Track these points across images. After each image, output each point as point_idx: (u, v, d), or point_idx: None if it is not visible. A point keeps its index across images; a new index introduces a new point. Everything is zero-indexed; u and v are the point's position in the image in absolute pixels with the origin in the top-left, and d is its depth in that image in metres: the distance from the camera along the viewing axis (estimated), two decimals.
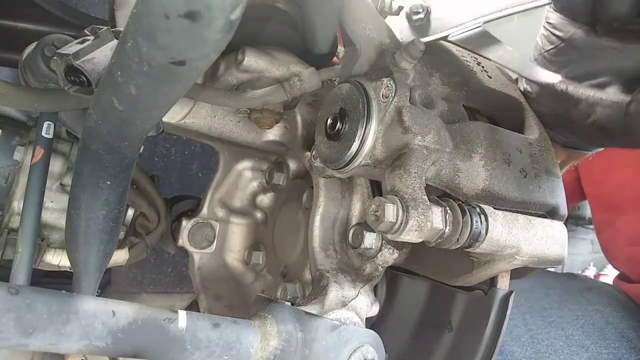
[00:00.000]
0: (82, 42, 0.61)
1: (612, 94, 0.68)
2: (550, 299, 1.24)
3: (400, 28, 0.77)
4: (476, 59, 0.77)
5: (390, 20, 0.77)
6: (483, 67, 0.76)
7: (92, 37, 0.62)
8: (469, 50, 0.78)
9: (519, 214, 0.64)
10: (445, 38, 0.71)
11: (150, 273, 1.84)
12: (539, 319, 1.17)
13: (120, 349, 0.47)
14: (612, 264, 1.52)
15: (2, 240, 0.80)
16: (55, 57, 0.61)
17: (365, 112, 0.65)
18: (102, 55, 0.60)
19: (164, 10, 0.32)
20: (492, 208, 0.61)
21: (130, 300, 0.50)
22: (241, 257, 1.10)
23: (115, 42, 0.61)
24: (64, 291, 0.47)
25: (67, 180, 0.88)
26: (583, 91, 0.70)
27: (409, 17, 0.75)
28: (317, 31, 0.70)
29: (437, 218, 0.58)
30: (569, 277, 1.45)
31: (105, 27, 0.64)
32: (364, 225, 0.78)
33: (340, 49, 0.84)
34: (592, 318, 1.15)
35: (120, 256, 0.96)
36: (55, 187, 0.87)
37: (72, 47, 0.60)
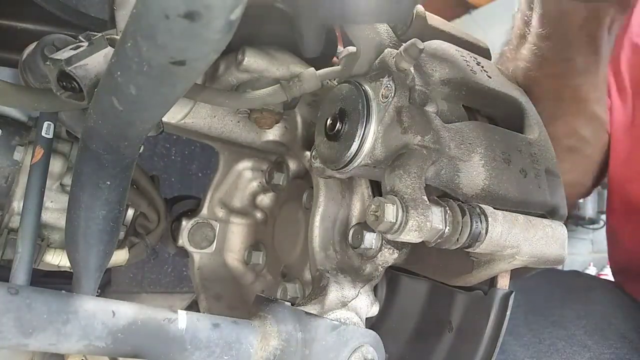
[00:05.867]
0: (75, 48, 0.61)
1: None
2: (553, 298, 1.23)
3: None
4: (476, 59, 0.77)
5: None
6: (483, 67, 0.76)
7: (86, 43, 0.62)
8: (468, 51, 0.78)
9: (519, 214, 0.64)
10: None
11: (150, 273, 1.84)
12: (541, 318, 1.16)
13: (120, 349, 0.47)
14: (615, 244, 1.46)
15: (2, 240, 0.81)
16: (48, 62, 0.61)
17: (365, 112, 0.65)
18: (95, 62, 0.60)
19: (164, 10, 0.32)
20: (492, 208, 0.61)
21: (130, 300, 0.50)
22: (241, 257, 1.10)
23: (109, 49, 0.62)
24: (64, 291, 0.47)
25: (67, 180, 0.88)
26: None
27: None
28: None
29: (436, 218, 0.58)
30: (573, 275, 1.43)
31: (100, 34, 0.64)
32: (364, 225, 0.78)
33: (340, 48, 0.84)
34: (594, 318, 1.14)
35: (120, 256, 0.96)
36: (55, 187, 0.87)
37: (65, 53, 0.60)
